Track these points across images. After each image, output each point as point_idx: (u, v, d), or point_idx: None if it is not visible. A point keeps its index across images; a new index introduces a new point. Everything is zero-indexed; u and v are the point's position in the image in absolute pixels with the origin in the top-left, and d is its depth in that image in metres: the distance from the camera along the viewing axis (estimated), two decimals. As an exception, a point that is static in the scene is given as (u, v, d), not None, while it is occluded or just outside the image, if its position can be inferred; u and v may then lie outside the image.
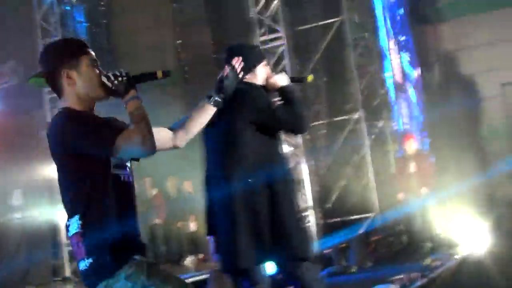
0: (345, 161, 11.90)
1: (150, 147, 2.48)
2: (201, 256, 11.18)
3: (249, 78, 3.65)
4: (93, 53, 2.69)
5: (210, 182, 3.71)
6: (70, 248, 11.28)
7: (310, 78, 4.09)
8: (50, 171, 11.81)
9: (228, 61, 3.20)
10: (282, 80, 3.73)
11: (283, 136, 3.85)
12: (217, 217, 3.61)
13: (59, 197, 2.56)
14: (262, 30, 10.73)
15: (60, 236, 11.42)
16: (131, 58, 12.45)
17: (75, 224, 2.53)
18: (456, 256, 8.96)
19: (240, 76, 3.04)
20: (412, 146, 9.82)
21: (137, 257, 2.58)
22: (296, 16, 12.49)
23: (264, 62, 3.79)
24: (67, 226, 2.58)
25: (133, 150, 2.49)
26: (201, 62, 12.65)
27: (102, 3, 13.23)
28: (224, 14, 12.96)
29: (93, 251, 2.49)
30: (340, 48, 12.18)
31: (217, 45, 13.05)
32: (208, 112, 2.90)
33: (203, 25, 13.15)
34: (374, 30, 11.94)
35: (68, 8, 12.72)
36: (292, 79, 3.86)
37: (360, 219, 10.95)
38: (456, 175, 12.82)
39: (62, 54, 2.64)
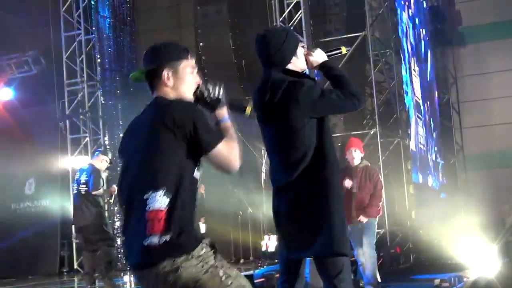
0: (358, 175, 11.88)
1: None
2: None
3: (293, 63, 3.58)
4: (193, 60, 2.87)
5: (280, 183, 3.51)
6: (79, 240, 11.32)
7: (344, 49, 3.80)
8: (63, 162, 11.85)
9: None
10: (320, 56, 3.66)
11: None
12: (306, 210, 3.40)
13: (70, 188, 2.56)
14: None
15: (70, 228, 11.39)
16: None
17: (161, 199, 2.57)
18: (465, 279, 8.96)
19: None
20: (357, 157, 7.48)
21: (205, 240, 2.67)
22: (319, 28, 12.55)
23: (300, 43, 3.69)
24: (145, 200, 2.59)
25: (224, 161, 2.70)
26: (221, 66, 12.68)
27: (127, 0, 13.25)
28: (247, 21, 13.01)
29: (173, 229, 2.55)
30: (360, 63, 12.22)
31: (238, 50, 13.11)
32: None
33: (225, 30, 13.21)
34: (396, 48, 11.95)
35: (92, 2, 12.75)
36: (328, 52, 3.74)
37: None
38: (466, 197, 12.88)
39: (164, 55, 2.82)
